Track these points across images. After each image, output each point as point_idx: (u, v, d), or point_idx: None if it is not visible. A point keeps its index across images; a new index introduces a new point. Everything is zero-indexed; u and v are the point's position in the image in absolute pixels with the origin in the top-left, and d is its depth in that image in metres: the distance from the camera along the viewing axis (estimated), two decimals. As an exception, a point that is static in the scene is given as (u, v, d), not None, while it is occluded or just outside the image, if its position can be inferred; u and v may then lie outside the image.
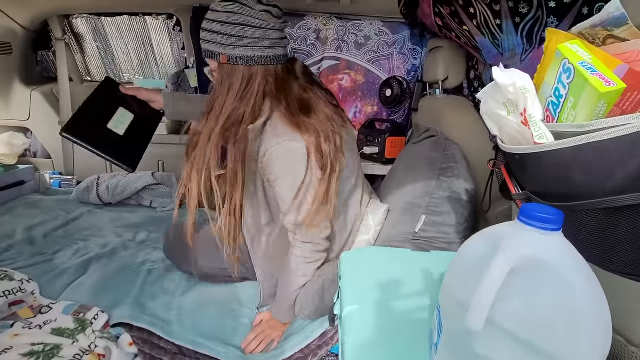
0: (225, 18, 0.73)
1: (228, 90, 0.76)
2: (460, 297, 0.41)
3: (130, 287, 1.03)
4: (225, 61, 0.75)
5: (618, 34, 0.40)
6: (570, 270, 0.34)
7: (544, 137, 0.43)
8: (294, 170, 0.78)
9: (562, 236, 0.36)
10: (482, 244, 0.42)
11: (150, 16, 1.73)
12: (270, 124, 0.78)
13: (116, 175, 1.68)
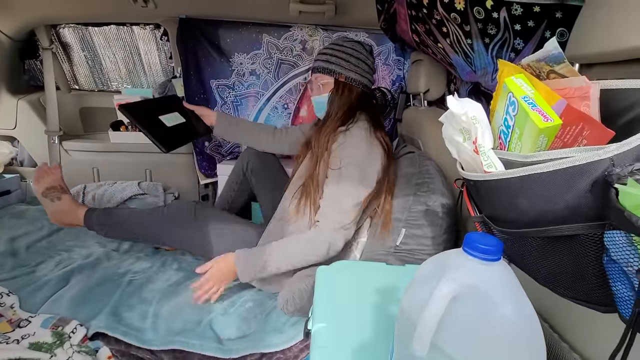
0: (350, 51, 1.07)
1: (342, 105, 1.06)
2: (411, 322, 0.42)
3: (109, 298, 1.04)
4: (343, 79, 1.06)
5: (558, 70, 0.42)
6: (503, 297, 0.36)
7: (492, 166, 0.45)
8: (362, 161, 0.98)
9: (502, 264, 0.38)
10: (432, 270, 0.43)
11: (137, 26, 1.74)
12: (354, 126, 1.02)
13: (102, 184, 1.68)
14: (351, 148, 0.98)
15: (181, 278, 1.15)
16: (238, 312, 1.00)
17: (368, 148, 1.00)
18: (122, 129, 1.76)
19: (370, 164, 0.99)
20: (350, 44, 1.07)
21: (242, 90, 1.67)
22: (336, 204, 0.97)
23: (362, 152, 0.99)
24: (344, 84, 1.06)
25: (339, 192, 0.97)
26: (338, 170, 0.98)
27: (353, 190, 0.97)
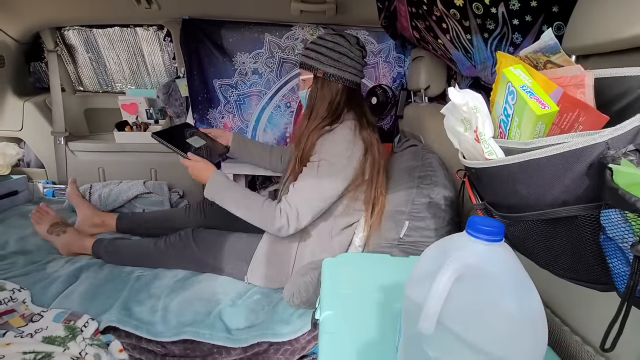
0: (330, 45, 1.02)
1: (322, 101, 1.04)
2: (416, 303, 0.44)
3: (119, 294, 1.06)
4: (321, 75, 1.02)
5: (554, 60, 0.44)
6: (506, 277, 0.38)
7: (493, 154, 0.47)
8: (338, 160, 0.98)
9: (504, 246, 0.40)
10: (436, 253, 0.45)
11: (141, 27, 1.77)
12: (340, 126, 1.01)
13: (108, 184, 1.71)
14: (330, 146, 0.98)
15: (188, 274, 1.17)
16: (246, 304, 1.02)
17: (347, 148, 0.99)
18: (127, 129, 1.79)
19: (347, 164, 0.99)
20: (331, 37, 1.04)
21: (244, 89, 1.69)
22: (300, 195, 0.98)
23: (339, 152, 0.98)
24: (322, 79, 1.03)
25: (307, 185, 0.98)
26: (314, 164, 0.99)
27: (321, 187, 0.98)
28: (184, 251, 1.17)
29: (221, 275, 1.16)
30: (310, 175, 0.98)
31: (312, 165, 0.99)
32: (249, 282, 1.11)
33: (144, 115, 1.84)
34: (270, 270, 1.09)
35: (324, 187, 0.98)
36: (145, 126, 1.81)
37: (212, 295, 1.06)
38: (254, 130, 1.76)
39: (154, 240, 1.22)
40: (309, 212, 0.98)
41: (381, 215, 1.04)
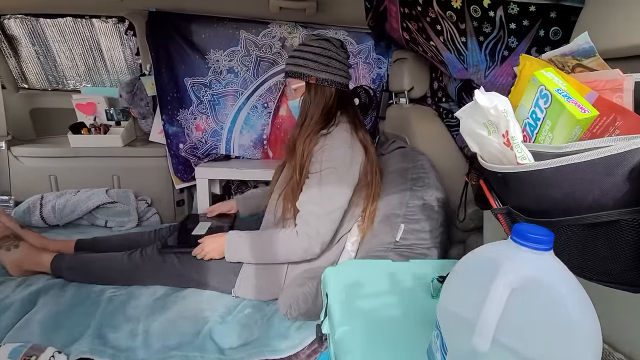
0: (317, 50, 1.00)
1: (317, 106, 1.01)
2: (463, 317, 0.42)
3: (89, 320, 0.93)
4: (314, 81, 1.00)
5: (586, 64, 0.44)
6: (562, 287, 0.37)
7: (526, 158, 0.46)
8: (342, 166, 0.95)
9: (552, 255, 0.38)
10: (479, 264, 0.43)
11: (98, 19, 1.60)
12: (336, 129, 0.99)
13: (63, 193, 1.52)
14: (331, 151, 0.95)
15: (168, 291, 1.07)
16: (237, 319, 0.95)
17: (349, 151, 0.97)
18: (84, 131, 1.61)
19: (350, 167, 0.97)
20: (317, 42, 1.01)
21: (219, 88, 1.59)
22: (314, 210, 0.95)
23: (342, 156, 0.96)
24: (316, 85, 1.01)
25: (317, 198, 0.95)
26: (317, 174, 0.96)
27: (331, 196, 0.95)
28: (163, 265, 1.06)
29: (206, 290, 1.07)
30: (317, 187, 0.95)
31: (315, 176, 0.95)
32: (237, 295, 1.03)
33: (103, 116, 1.67)
34: (261, 281, 1.03)
35: (334, 196, 0.94)
36: (106, 128, 1.64)
37: (198, 312, 0.97)
38: (229, 133, 1.67)
39: (127, 253, 1.10)
40: (329, 225, 0.96)
41: (373, 218, 1.03)
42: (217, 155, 1.69)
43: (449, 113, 1.23)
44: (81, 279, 1.09)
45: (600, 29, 0.56)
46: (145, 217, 1.63)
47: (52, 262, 1.11)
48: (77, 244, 1.26)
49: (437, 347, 0.46)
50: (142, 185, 1.66)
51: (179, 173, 1.66)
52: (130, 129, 1.70)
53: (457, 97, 1.08)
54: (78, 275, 1.09)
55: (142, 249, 1.11)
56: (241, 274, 1.03)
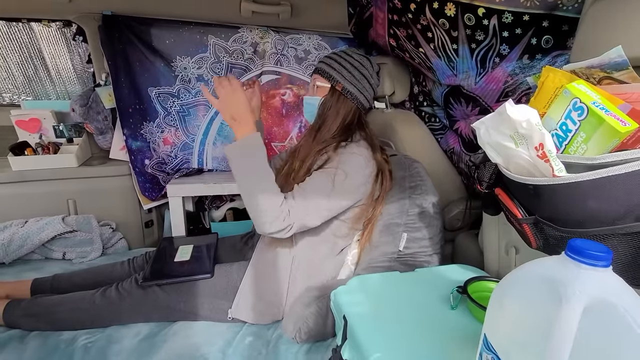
0: (356, 64, 0.98)
1: (336, 116, 0.98)
2: (525, 342, 0.40)
3: (65, 375, 0.81)
4: (340, 89, 0.97)
5: (617, 77, 0.45)
6: (629, 303, 0.37)
7: (563, 171, 0.46)
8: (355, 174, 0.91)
9: (611, 271, 0.38)
10: (533, 284, 0.42)
11: (38, 22, 1.40)
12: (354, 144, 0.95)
13: (7, 226, 1.31)
14: (348, 157, 0.92)
15: (153, 328, 0.95)
16: (239, 352, 0.87)
17: (364, 165, 0.93)
18: (28, 152, 1.40)
19: (361, 181, 0.93)
20: (358, 56, 1.00)
21: (189, 98, 1.48)
22: (309, 201, 0.88)
23: (356, 166, 0.92)
24: (339, 93, 0.97)
25: (320, 191, 0.89)
26: (330, 171, 0.91)
27: (332, 198, 0.90)
28: (145, 298, 0.95)
29: (196, 322, 0.97)
30: (326, 181, 0.89)
31: (328, 172, 0.90)
32: (233, 317, 0.95)
33: (51, 133, 1.47)
34: (260, 302, 0.96)
35: (336, 197, 0.89)
36: (56, 147, 1.44)
37: (194, 349, 0.88)
38: (201, 145, 1.56)
39: (100, 291, 0.97)
40: (317, 218, 0.88)
41: (371, 235, 1.00)
42: (188, 170, 1.57)
43: (431, 117, 1.26)
44: (45, 326, 0.94)
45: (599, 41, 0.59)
46: (110, 243, 1.46)
47: (4, 310, 0.94)
48: (34, 285, 1.08)
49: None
50: (103, 208, 1.49)
51: (147, 192, 1.52)
52: (85, 147, 1.51)
53: (444, 102, 1.10)
54: (41, 323, 0.93)
55: (118, 283, 0.98)
56: (238, 295, 0.96)
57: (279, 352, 0.87)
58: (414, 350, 0.58)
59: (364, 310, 0.69)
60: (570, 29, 0.70)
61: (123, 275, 1.11)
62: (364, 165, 0.92)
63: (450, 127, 1.14)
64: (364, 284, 0.79)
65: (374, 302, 0.72)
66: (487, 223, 0.90)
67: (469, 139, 1.07)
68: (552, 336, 0.37)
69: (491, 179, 0.67)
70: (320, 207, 0.88)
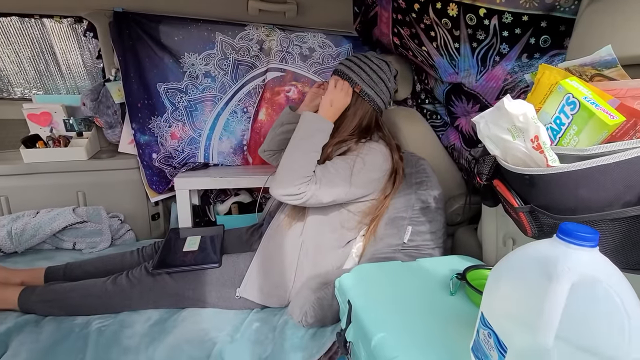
0: (375, 67, 1.03)
1: (353, 118, 1.03)
2: (519, 317, 0.44)
3: (80, 356, 0.84)
4: (358, 90, 1.01)
5: (607, 74, 0.49)
6: (614, 280, 0.40)
7: (556, 161, 0.50)
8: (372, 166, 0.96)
9: (598, 251, 0.42)
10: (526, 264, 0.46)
11: (50, 18, 1.43)
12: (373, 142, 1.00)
13: (20, 216, 1.35)
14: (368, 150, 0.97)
15: (163, 314, 0.99)
16: (246, 336, 0.91)
17: (382, 162, 0.99)
18: (39, 145, 1.43)
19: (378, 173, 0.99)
20: (377, 60, 1.04)
21: (196, 94, 1.51)
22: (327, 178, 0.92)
23: (377, 161, 0.98)
24: (357, 95, 1.02)
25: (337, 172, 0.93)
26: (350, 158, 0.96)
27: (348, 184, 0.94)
28: (155, 286, 0.99)
29: (204, 309, 1.01)
30: (345, 167, 0.94)
31: (349, 159, 0.95)
32: (240, 296, 0.99)
33: (62, 127, 1.50)
34: (267, 283, 0.99)
35: (351, 183, 0.94)
36: (66, 141, 1.48)
37: (203, 334, 0.92)
38: (208, 140, 1.59)
39: (111, 278, 1.01)
40: (329, 195, 0.93)
41: (376, 230, 1.04)
42: (194, 164, 1.61)
43: (433, 114, 1.29)
44: (59, 312, 0.98)
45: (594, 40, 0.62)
46: (118, 235, 1.50)
47: (19, 297, 0.98)
48: (47, 273, 1.12)
49: (492, 345, 0.47)
50: (112, 200, 1.53)
51: (154, 185, 1.55)
52: (95, 140, 1.55)
53: (445, 99, 1.13)
54: (55, 309, 0.97)
55: (128, 271, 1.02)
56: (247, 274, 1.00)
57: (285, 337, 0.91)
58: (415, 331, 0.61)
59: (368, 295, 0.72)
60: (567, 29, 0.73)
61: (133, 263, 1.15)
62: (382, 161, 0.97)
63: (451, 123, 1.18)
64: (367, 272, 0.83)
65: (377, 288, 0.75)
66: (486, 215, 0.93)
67: (470, 135, 1.10)
68: (543, 310, 0.40)
69: (490, 172, 0.71)
70: (335, 186, 0.93)
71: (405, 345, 0.58)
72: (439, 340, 0.59)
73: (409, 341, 0.59)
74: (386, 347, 0.59)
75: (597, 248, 0.41)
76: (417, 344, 0.58)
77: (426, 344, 0.58)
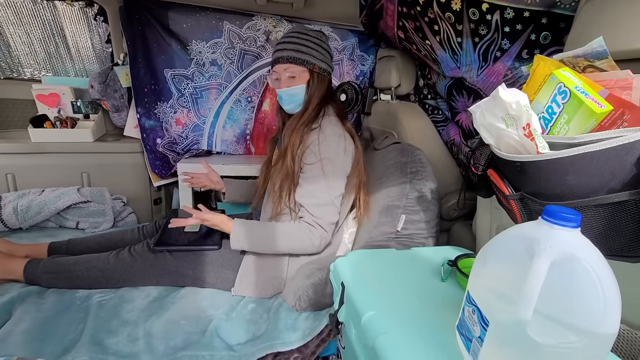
0: (316, 41, 1.01)
1: (319, 96, 1.02)
2: (501, 291, 0.46)
3: (81, 326, 0.87)
4: (317, 70, 1.01)
5: (598, 65, 0.50)
6: (593, 259, 0.42)
7: (546, 148, 0.52)
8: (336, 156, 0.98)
9: (580, 232, 0.44)
10: (512, 244, 0.48)
11: (61, 1, 1.46)
12: (324, 121, 1.00)
13: (26, 193, 1.38)
14: (325, 145, 0.97)
15: (162, 291, 1.02)
16: (242, 315, 0.94)
17: (342, 141, 1.00)
18: (47, 125, 1.46)
19: (344, 157, 1.01)
20: (313, 32, 1.03)
21: (202, 81, 1.53)
22: (318, 200, 0.97)
23: (335, 146, 0.99)
24: (318, 74, 1.01)
25: (318, 188, 0.97)
26: (315, 165, 0.97)
27: (332, 184, 0.97)
28: (156, 263, 1.01)
29: (203, 288, 1.04)
30: (315, 179, 0.96)
31: (313, 168, 0.96)
32: (236, 294, 1.02)
33: (69, 109, 1.53)
34: (262, 278, 1.02)
35: (332, 185, 0.96)
36: (73, 122, 1.50)
37: (200, 311, 0.94)
38: (211, 127, 1.62)
39: (114, 253, 1.03)
40: (334, 214, 0.99)
41: (367, 206, 1.07)
42: (197, 151, 1.63)
43: (434, 109, 1.31)
44: (62, 284, 1.00)
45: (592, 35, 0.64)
46: (121, 217, 1.53)
47: (25, 268, 1.01)
48: (50, 248, 1.15)
49: (475, 320, 0.50)
50: (115, 183, 1.55)
51: (157, 169, 1.58)
52: (100, 123, 1.58)
53: (447, 94, 1.15)
54: (59, 280, 1.00)
55: (130, 247, 1.05)
56: (240, 272, 1.02)
57: (279, 317, 0.93)
58: (405, 311, 0.63)
59: (361, 278, 0.75)
60: (566, 26, 0.75)
61: (134, 241, 1.18)
62: (340, 142, 0.99)
63: (452, 118, 1.19)
64: (362, 257, 0.85)
65: (371, 272, 0.78)
66: (480, 207, 0.95)
67: (469, 130, 1.12)
68: (523, 285, 0.42)
69: (485, 162, 0.73)
70: (329, 200, 0.96)
71: (394, 323, 0.60)
72: (427, 320, 0.61)
73: (398, 320, 0.61)
74: (375, 324, 0.61)
75: (579, 229, 0.43)
76: (405, 323, 0.60)
77: (414, 323, 0.60)
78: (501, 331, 0.45)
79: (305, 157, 0.99)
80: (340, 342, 0.79)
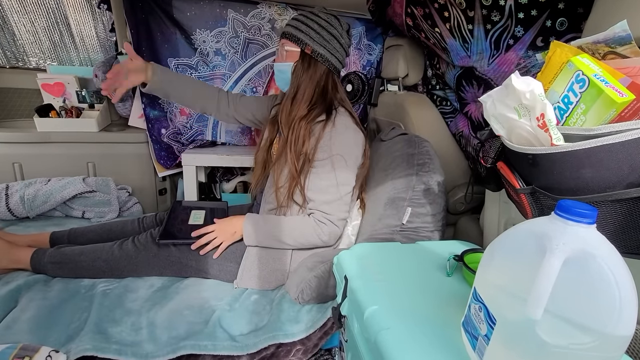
0: (324, 24, 0.96)
1: (309, 81, 0.97)
2: (509, 289, 0.44)
3: (85, 315, 0.88)
4: (309, 52, 0.96)
5: (620, 51, 0.47)
6: (609, 257, 0.40)
7: (561, 140, 0.49)
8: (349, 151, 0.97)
9: (595, 229, 0.42)
10: (523, 240, 0.46)
11: (65, -11, 1.44)
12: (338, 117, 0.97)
13: (32, 182, 1.39)
14: (337, 138, 0.96)
15: (166, 282, 1.02)
16: (245, 306, 0.94)
17: (353, 135, 0.99)
18: (52, 114, 1.46)
19: (355, 151, 1.00)
20: (325, 16, 0.98)
21: (206, 71, 1.51)
22: (329, 196, 0.96)
23: (347, 141, 0.98)
24: (310, 57, 0.97)
25: (330, 185, 0.96)
26: (327, 161, 0.95)
27: (341, 182, 0.96)
28: (159, 253, 1.01)
29: (207, 279, 1.04)
30: (327, 175, 0.95)
31: (325, 163, 0.95)
32: (238, 287, 1.01)
33: (74, 98, 1.53)
34: (264, 270, 1.01)
35: (344, 181, 0.96)
36: (78, 112, 1.50)
37: (203, 302, 0.94)
38: (216, 118, 1.60)
39: (118, 243, 1.04)
40: (344, 210, 0.98)
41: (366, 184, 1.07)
42: (202, 142, 1.62)
43: (443, 100, 1.27)
44: (67, 273, 1.01)
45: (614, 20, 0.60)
46: (126, 207, 1.53)
47: (31, 258, 1.02)
48: (52, 237, 1.16)
49: (482, 318, 0.48)
50: (120, 173, 1.56)
51: (162, 160, 1.58)
52: (105, 113, 1.57)
53: (456, 84, 1.11)
54: (64, 270, 1.01)
55: (134, 237, 1.05)
56: (242, 264, 1.01)
57: (282, 309, 0.93)
58: (409, 306, 0.62)
59: (365, 271, 0.73)
60: (585, 11, 0.71)
61: (134, 233, 1.18)
62: (354, 136, 0.98)
63: (460, 110, 1.16)
64: (366, 250, 0.84)
65: (375, 265, 0.76)
66: (488, 201, 0.93)
67: (478, 121, 1.09)
68: (534, 283, 0.40)
69: (495, 155, 0.70)
70: (340, 196, 0.96)
71: (398, 318, 0.59)
72: (432, 316, 0.60)
73: (402, 315, 0.60)
74: (378, 319, 0.60)
75: (594, 226, 0.41)
76: (409, 318, 0.59)
77: (418, 319, 0.59)
78: (509, 330, 0.44)
79: (317, 152, 0.97)
80: (343, 335, 0.78)
